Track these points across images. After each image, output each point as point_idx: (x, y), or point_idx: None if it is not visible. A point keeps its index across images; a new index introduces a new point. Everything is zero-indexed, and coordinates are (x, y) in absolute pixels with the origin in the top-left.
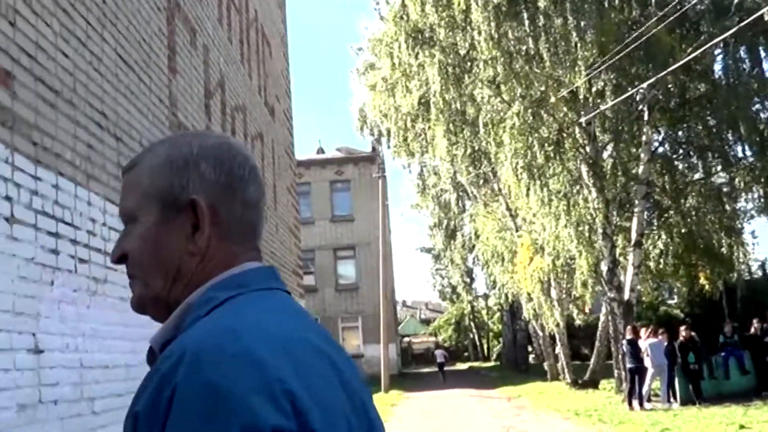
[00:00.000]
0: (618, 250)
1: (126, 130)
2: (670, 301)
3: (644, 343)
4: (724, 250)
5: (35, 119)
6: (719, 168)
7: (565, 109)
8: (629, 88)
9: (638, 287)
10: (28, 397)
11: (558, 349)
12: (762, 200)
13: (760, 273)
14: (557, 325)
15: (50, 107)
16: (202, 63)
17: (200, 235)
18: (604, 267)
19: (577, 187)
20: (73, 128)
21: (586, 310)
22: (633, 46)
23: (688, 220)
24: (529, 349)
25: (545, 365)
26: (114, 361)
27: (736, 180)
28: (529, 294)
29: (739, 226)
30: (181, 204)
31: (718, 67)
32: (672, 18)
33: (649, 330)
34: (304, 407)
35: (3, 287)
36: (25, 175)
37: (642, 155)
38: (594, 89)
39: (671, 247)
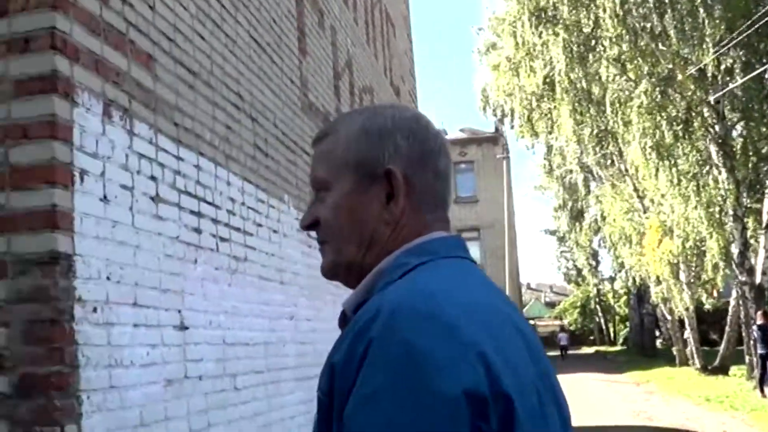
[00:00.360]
0: (749, 233)
1: (261, 111)
2: None
3: None
4: None
5: (176, 101)
6: None
7: (692, 87)
8: (757, 66)
9: None
10: (175, 373)
11: (687, 334)
12: None
13: None
14: (686, 309)
15: (189, 88)
16: (330, 44)
17: (395, 204)
18: (734, 250)
19: (707, 167)
20: (212, 109)
21: (715, 294)
22: (762, 22)
23: None
24: (656, 333)
25: (673, 350)
26: (254, 339)
27: None
28: (657, 277)
29: None
30: (377, 173)
31: None
32: None
33: None
34: (496, 370)
35: (150, 265)
36: (168, 156)
37: None
38: (722, 67)
39: None
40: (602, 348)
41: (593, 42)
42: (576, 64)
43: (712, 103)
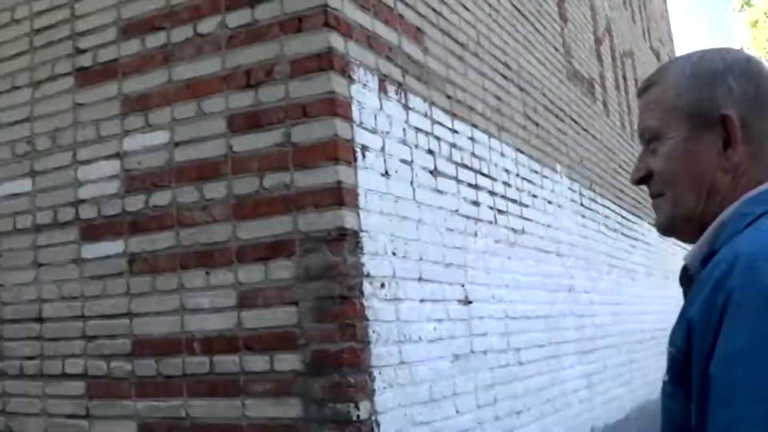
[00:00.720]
0: None
1: (528, 80)
2: None
3: None
4: None
5: (447, 73)
6: None
7: None
8: None
9: None
10: (461, 347)
11: None
12: None
13: None
14: None
15: (459, 60)
16: (589, 9)
17: (733, 151)
18: None
19: None
20: (482, 80)
21: None
22: None
23: None
24: None
25: None
26: (534, 312)
27: None
28: None
29: None
30: (711, 119)
31: None
32: None
33: None
34: None
35: (433, 239)
36: (443, 129)
37: None
38: None
39: None
40: None
41: None
42: None
43: None
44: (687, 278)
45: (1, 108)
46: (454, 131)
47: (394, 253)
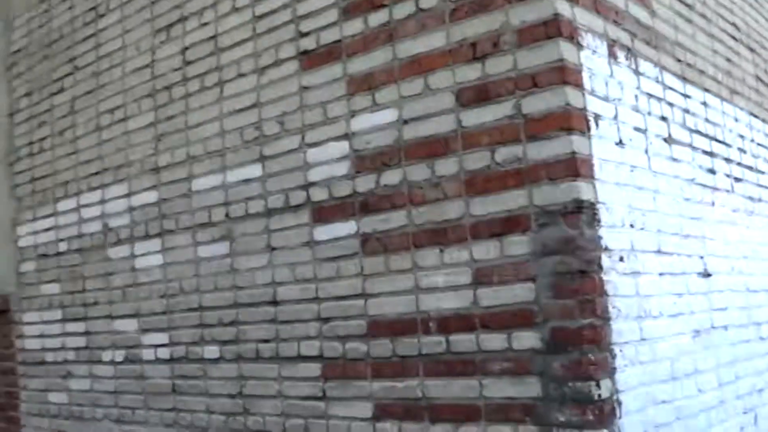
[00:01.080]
0: None
1: (758, 41)
2: None
3: None
4: None
5: (675, 36)
6: None
7: None
8: None
9: None
10: (702, 323)
11: None
12: None
13: None
14: None
15: (687, 22)
16: None
17: None
18: None
19: None
20: (711, 42)
21: None
22: None
23: None
24: None
25: None
26: None
27: None
28: None
29: None
30: None
31: None
32: None
33: None
34: None
35: (670, 209)
36: (675, 94)
37: None
38: None
39: None
40: None
41: None
42: None
43: None
44: None
45: (228, 95)
46: (687, 96)
47: (631, 225)
